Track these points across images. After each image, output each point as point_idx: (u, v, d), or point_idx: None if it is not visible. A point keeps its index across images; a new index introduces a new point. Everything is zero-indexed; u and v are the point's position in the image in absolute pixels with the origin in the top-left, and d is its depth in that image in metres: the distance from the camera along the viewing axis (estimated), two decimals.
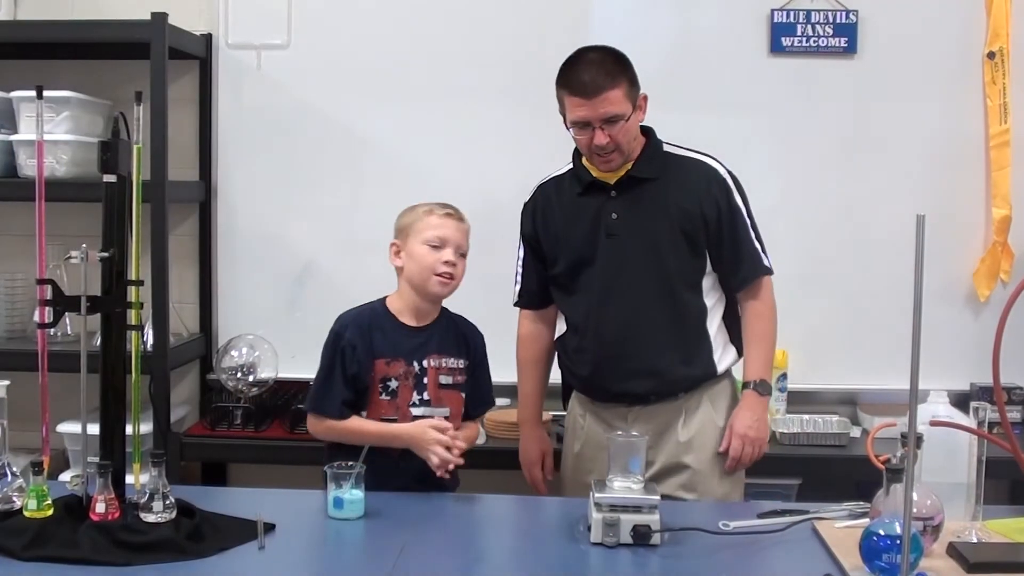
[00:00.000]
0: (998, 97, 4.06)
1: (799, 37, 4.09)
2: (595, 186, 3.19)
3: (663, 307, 3.15)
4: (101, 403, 2.55)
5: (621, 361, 3.16)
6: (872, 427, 3.18)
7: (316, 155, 4.22)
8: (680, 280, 3.15)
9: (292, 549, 2.50)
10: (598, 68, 3.02)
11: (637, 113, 3.09)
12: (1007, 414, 2.30)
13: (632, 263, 3.14)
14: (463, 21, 4.18)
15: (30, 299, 4.08)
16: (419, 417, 3.03)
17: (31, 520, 2.43)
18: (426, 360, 3.08)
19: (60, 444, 3.85)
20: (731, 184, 3.17)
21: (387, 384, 3.03)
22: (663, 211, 3.13)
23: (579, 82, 3.02)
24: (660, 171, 3.16)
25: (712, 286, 3.21)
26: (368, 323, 3.08)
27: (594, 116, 3.02)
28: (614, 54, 3.07)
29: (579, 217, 3.21)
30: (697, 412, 3.19)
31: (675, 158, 3.20)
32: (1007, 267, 4.12)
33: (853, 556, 2.31)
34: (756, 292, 3.21)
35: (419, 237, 3.07)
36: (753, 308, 3.23)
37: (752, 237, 3.19)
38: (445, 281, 3.07)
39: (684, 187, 3.15)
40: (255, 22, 4.21)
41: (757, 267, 3.19)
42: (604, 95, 3.00)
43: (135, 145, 2.61)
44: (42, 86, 2.66)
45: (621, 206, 3.16)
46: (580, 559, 2.47)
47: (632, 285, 3.14)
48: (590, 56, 3.05)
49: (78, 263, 2.51)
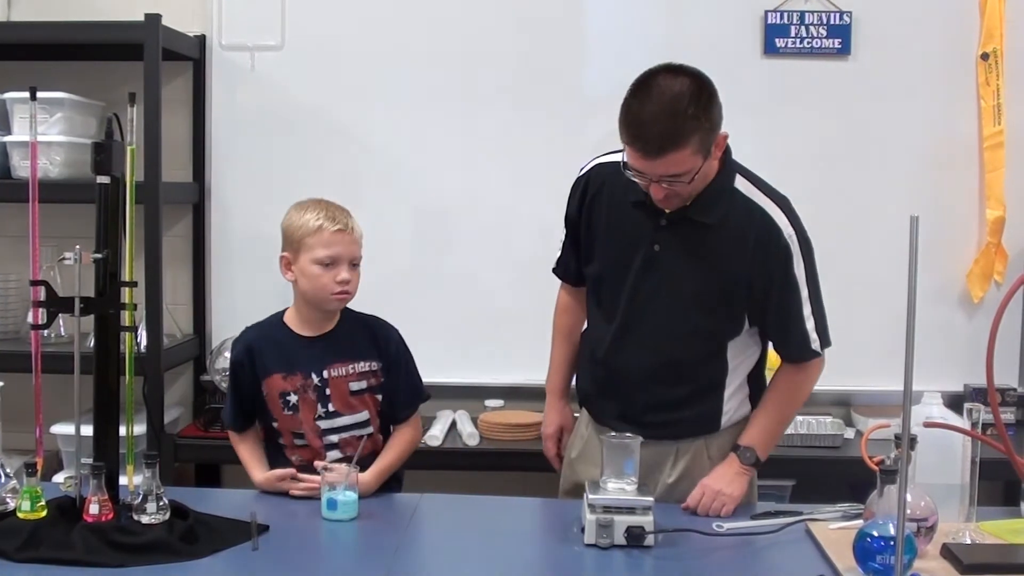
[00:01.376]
0: (992, 98, 4.07)
1: (793, 38, 4.10)
2: (648, 205, 2.79)
3: (679, 362, 2.87)
4: (95, 404, 2.55)
5: (619, 398, 2.95)
6: (866, 428, 3.19)
7: (310, 156, 4.23)
8: (702, 338, 2.86)
9: (286, 550, 2.49)
10: (669, 124, 2.55)
11: (710, 161, 2.67)
12: (1001, 415, 2.30)
13: (660, 304, 2.84)
14: (456, 23, 4.18)
15: (23, 300, 4.08)
16: (327, 431, 3.00)
17: (25, 521, 2.43)
18: (327, 370, 3.00)
19: (54, 445, 3.84)
20: (795, 250, 2.78)
21: (287, 399, 2.98)
22: (709, 264, 2.79)
23: (640, 137, 2.59)
24: (719, 217, 2.77)
25: (746, 342, 2.91)
26: (259, 340, 3.04)
27: (653, 174, 2.63)
28: (695, 98, 2.60)
29: (624, 228, 2.87)
30: (689, 453, 2.94)
31: (742, 201, 2.80)
32: (1001, 268, 4.13)
33: (847, 557, 2.31)
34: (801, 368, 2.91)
35: (309, 255, 2.93)
36: (788, 376, 2.93)
37: (804, 315, 2.82)
38: (341, 298, 2.97)
39: (740, 244, 2.77)
40: (248, 23, 4.21)
41: (804, 351, 2.85)
42: (667, 156, 2.57)
43: (128, 146, 2.61)
44: (35, 87, 2.65)
45: (667, 240, 2.80)
46: (574, 560, 2.47)
47: (653, 328, 2.86)
48: (658, 103, 2.58)
49: (71, 264, 2.51)
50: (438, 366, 4.13)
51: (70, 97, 3.91)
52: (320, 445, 3.00)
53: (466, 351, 4.24)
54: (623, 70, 2.85)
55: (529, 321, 4.13)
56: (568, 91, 4.17)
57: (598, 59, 4.16)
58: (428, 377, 4.13)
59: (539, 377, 3.99)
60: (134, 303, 2.60)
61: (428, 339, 4.18)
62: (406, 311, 4.13)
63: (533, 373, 4.07)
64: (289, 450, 3.03)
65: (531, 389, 4.13)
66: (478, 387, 4.24)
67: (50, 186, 3.67)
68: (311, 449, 3.00)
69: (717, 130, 2.66)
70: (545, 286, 4.08)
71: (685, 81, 2.62)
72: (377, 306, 3.24)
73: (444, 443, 3.91)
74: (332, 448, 3.00)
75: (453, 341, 4.21)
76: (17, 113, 3.92)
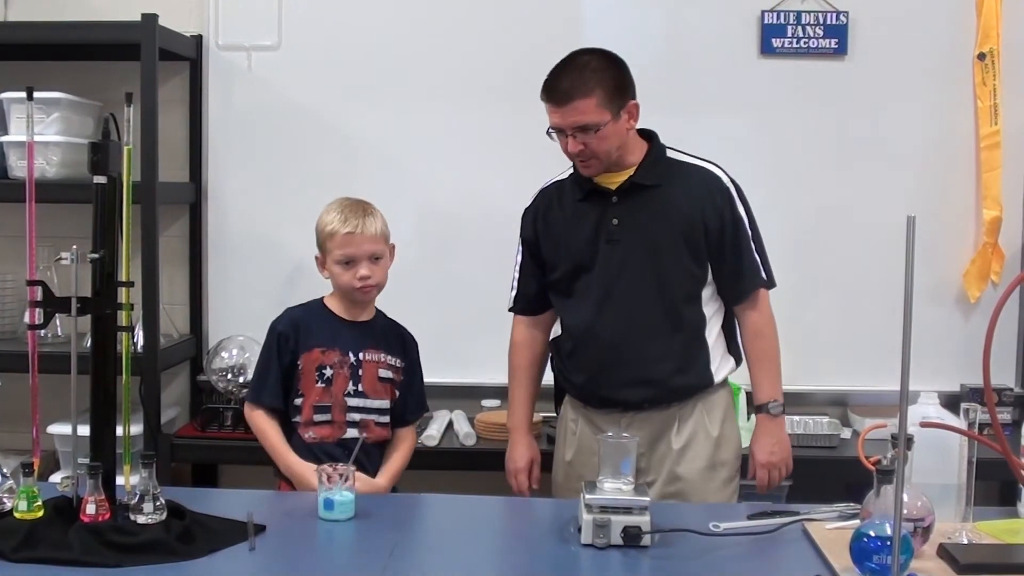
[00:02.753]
0: (988, 98, 4.07)
1: (790, 38, 4.10)
2: (596, 192, 3.15)
3: (661, 316, 3.12)
4: (91, 404, 2.54)
5: (616, 369, 3.14)
6: (862, 428, 3.18)
7: (306, 156, 4.23)
8: (680, 289, 3.13)
9: (283, 550, 2.49)
10: (575, 75, 2.98)
11: (619, 122, 3.03)
12: (997, 415, 2.29)
13: (631, 270, 3.11)
14: (453, 22, 4.18)
15: (20, 300, 4.08)
16: (354, 408, 3.15)
17: (21, 521, 2.43)
18: (363, 352, 3.19)
19: (50, 445, 3.84)
20: (734, 193, 3.14)
21: (322, 372, 3.13)
22: (665, 218, 3.10)
23: (552, 88, 3.02)
24: (662, 178, 3.12)
25: (712, 295, 3.19)
26: (304, 316, 3.21)
27: (564, 124, 3.01)
28: (600, 60, 3.02)
29: (580, 222, 3.17)
30: (690, 420, 3.17)
31: (678, 164, 3.16)
32: (997, 268, 4.13)
33: (844, 557, 2.31)
34: (754, 304, 3.20)
35: (331, 256, 3.16)
36: (752, 323, 3.21)
37: (753, 248, 3.16)
38: (366, 291, 3.17)
39: (687, 195, 3.11)
40: (245, 23, 4.21)
41: (756, 279, 3.17)
42: (573, 104, 2.97)
43: (125, 146, 2.60)
44: (32, 87, 2.64)
45: (622, 212, 3.12)
46: (570, 560, 2.47)
47: (631, 292, 3.12)
48: (574, 62, 3.02)
49: (68, 264, 2.51)
50: (435, 366, 4.12)
51: (67, 97, 3.91)
52: (343, 420, 3.14)
53: (463, 351, 4.24)
54: None
55: None
56: None
57: None
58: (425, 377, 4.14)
59: None
60: (131, 303, 2.60)
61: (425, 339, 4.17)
62: (404, 311, 4.13)
63: None
64: (304, 427, 3.14)
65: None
66: (475, 387, 4.24)
67: (47, 186, 3.68)
68: (333, 425, 3.14)
69: (626, 96, 3.04)
70: None
71: (597, 53, 3.06)
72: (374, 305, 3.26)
73: (441, 443, 3.91)
74: (352, 426, 3.14)
75: (449, 341, 4.21)
76: (14, 113, 3.92)
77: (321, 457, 3.01)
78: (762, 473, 3.19)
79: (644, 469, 3.10)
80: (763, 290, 3.20)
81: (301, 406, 3.15)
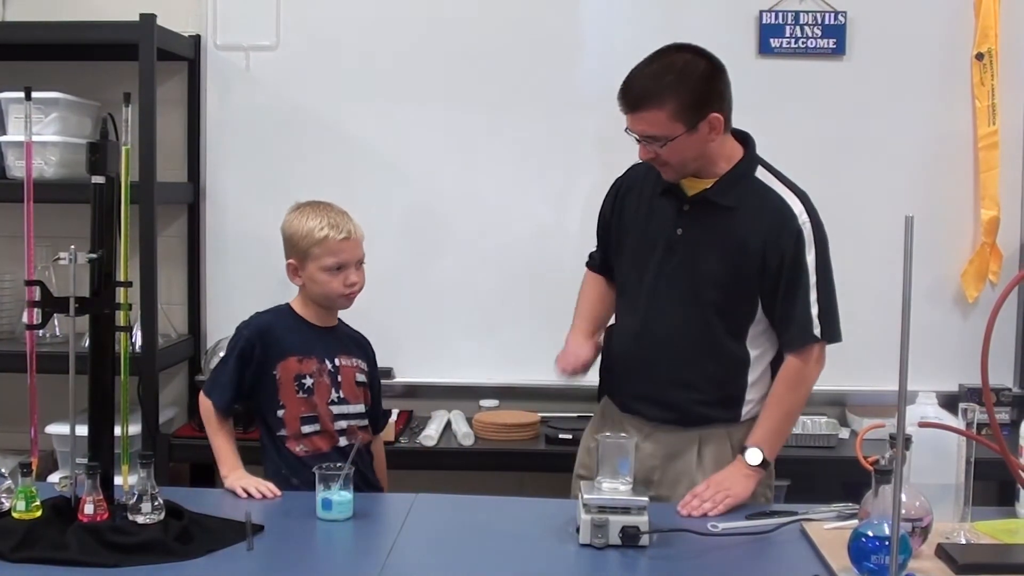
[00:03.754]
0: (986, 98, 4.07)
1: (788, 38, 4.10)
2: (674, 192, 2.96)
3: (699, 344, 2.95)
4: (89, 404, 2.55)
5: (639, 382, 3.02)
6: (861, 428, 3.19)
7: (304, 156, 4.23)
8: (720, 318, 2.93)
9: (281, 550, 2.49)
10: (651, 81, 2.78)
11: (696, 134, 2.80)
12: (995, 415, 2.30)
13: (681, 287, 2.95)
14: (451, 23, 4.18)
15: (18, 300, 4.07)
16: (340, 416, 3.09)
17: (20, 521, 2.43)
18: (338, 358, 3.12)
19: (49, 445, 3.84)
20: (807, 236, 2.88)
21: (302, 382, 3.04)
22: (727, 245, 2.90)
23: (624, 90, 2.82)
24: (738, 200, 2.90)
25: (763, 333, 2.97)
26: (274, 324, 3.10)
27: (634, 130, 2.83)
28: (686, 63, 2.80)
29: (650, 218, 3.01)
30: (712, 447, 3.00)
31: (760, 188, 2.93)
32: (995, 268, 4.13)
33: (842, 557, 2.31)
34: (802, 355, 2.92)
35: (317, 263, 3.04)
36: (790, 371, 2.94)
37: (810, 300, 2.89)
38: (351, 297, 3.10)
39: (756, 225, 2.89)
40: (243, 24, 4.21)
41: (805, 334, 2.90)
42: (641, 113, 2.79)
43: (123, 146, 2.60)
44: (30, 87, 2.65)
45: (689, 223, 2.94)
46: (569, 560, 2.47)
47: (674, 311, 2.96)
48: (657, 62, 2.82)
49: (67, 264, 2.51)
50: (433, 366, 4.15)
51: (65, 97, 3.91)
52: (332, 429, 3.07)
53: (461, 351, 4.24)
54: (617, 70, 2.86)
55: (524, 320, 4.15)
56: (562, 91, 4.17)
57: (592, 59, 4.16)
58: (423, 377, 4.16)
59: (534, 377, 4.01)
60: (129, 303, 2.60)
61: (423, 338, 4.21)
62: (402, 310, 4.16)
63: (528, 373, 4.10)
64: (293, 441, 3.04)
65: (526, 389, 4.14)
66: (473, 387, 4.24)
67: (45, 186, 3.69)
68: (324, 435, 3.06)
69: (706, 108, 2.80)
70: (540, 285, 4.10)
71: (686, 56, 2.83)
72: (373, 305, 3.25)
73: (439, 443, 3.90)
74: (343, 433, 3.09)
75: (448, 341, 4.22)
76: (12, 113, 3.92)
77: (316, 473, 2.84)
78: (702, 485, 2.86)
79: (657, 483, 2.99)
80: (815, 345, 2.93)
81: (284, 418, 3.04)
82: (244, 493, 2.88)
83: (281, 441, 3.05)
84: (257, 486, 2.90)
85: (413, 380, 4.28)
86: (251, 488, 2.89)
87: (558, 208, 4.17)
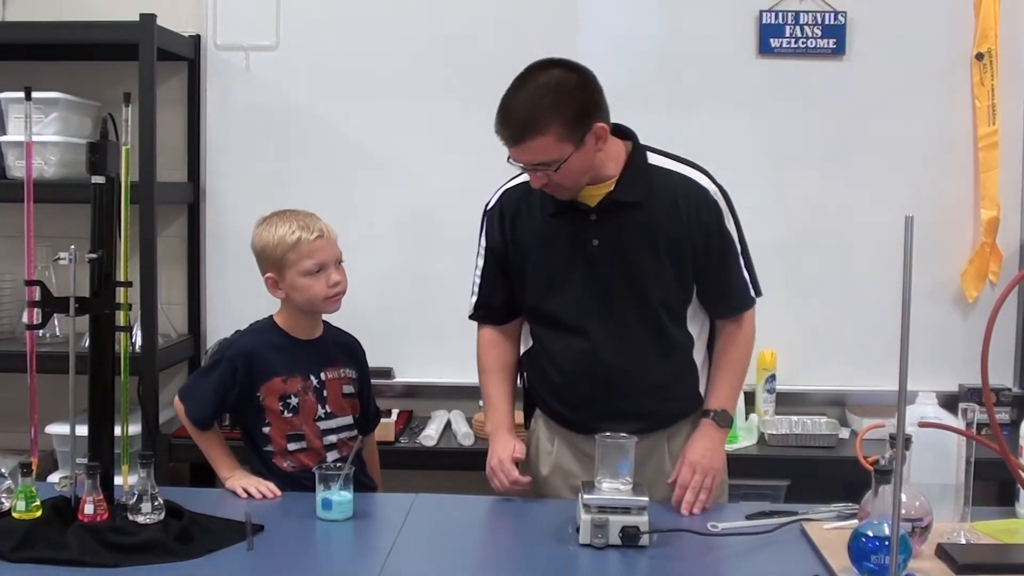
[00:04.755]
0: (986, 98, 4.07)
1: (788, 38, 4.10)
2: (572, 208, 2.87)
3: (651, 343, 2.91)
4: (90, 404, 2.55)
5: (610, 403, 2.92)
6: (861, 428, 3.19)
7: (304, 156, 4.22)
8: (666, 312, 2.91)
9: (281, 550, 2.49)
10: (527, 109, 2.68)
11: (585, 149, 2.71)
12: (995, 415, 2.30)
13: (617, 296, 2.88)
14: (450, 23, 4.18)
15: (18, 300, 4.07)
16: (327, 431, 3.05)
17: (20, 521, 2.43)
18: (323, 372, 3.07)
19: (49, 445, 3.84)
20: (723, 206, 2.88)
21: (287, 401, 3.00)
22: (649, 237, 2.85)
23: (502, 123, 2.73)
24: (645, 192, 2.84)
25: (696, 312, 2.97)
26: (256, 345, 3.04)
27: (522, 161, 2.75)
28: (557, 81, 2.70)
29: (554, 241, 2.91)
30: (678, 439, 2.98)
31: (662, 174, 2.88)
32: (995, 268, 4.13)
33: (842, 557, 2.31)
34: (738, 319, 2.99)
35: (296, 269, 2.98)
36: (730, 333, 2.99)
37: (742, 265, 2.94)
38: (336, 299, 3.04)
39: (671, 210, 2.85)
40: (243, 24, 4.21)
41: (744, 299, 2.96)
42: (526, 144, 2.68)
43: (123, 146, 2.60)
44: (31, 87, 2.65)
45: (603, 232, 2.86)
46: (569, 560, 2.47)
47: (618, 321, 2.89)
48: (525, 86, 2.73)
49: (67, 264, 2.51)
50: (432, 366, 4.15)
51: (65, 97, 3.90)
52: (321, 446, 3.03)
53: (461, 351, 4.22)
54: (617, 70, 2.87)
55: None
56: None
57: (592, 60, 4.10)
58: (422, 377, 4.15)
59: None
60: (129, 303, 2.60)
61: (423, 339, 4.20)
62: (401, 310, 4.16)
63: None
64: (280, 457, 3.02)
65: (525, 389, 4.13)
66: (472, 387, 4.21)
67: (45, 186, 3.69)
68: (311, 452, 3.02)
69: (589, 121, 2.70)
70: None
71: (554, 73, 2.72)
72: (373, 305, 3.25)
73: (439, 443, 3.90)
74: (331, 449, 3.05)
75: (447, 341, 4.19)
76: (12, 113, 3.92)
77: (306, 484, 2.85)
78: (687, 470, 2.83)
79: None
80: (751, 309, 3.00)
81: (270, 435, 3.01)
82: (244, 493, 2.89)
83: (268, 456, 3.03)
84: (257, 486, 2.90)
85: (413, 380, 4.27)
86: (251, 488, 2.89)
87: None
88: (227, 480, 2.97)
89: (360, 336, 3.24)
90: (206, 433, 3.06)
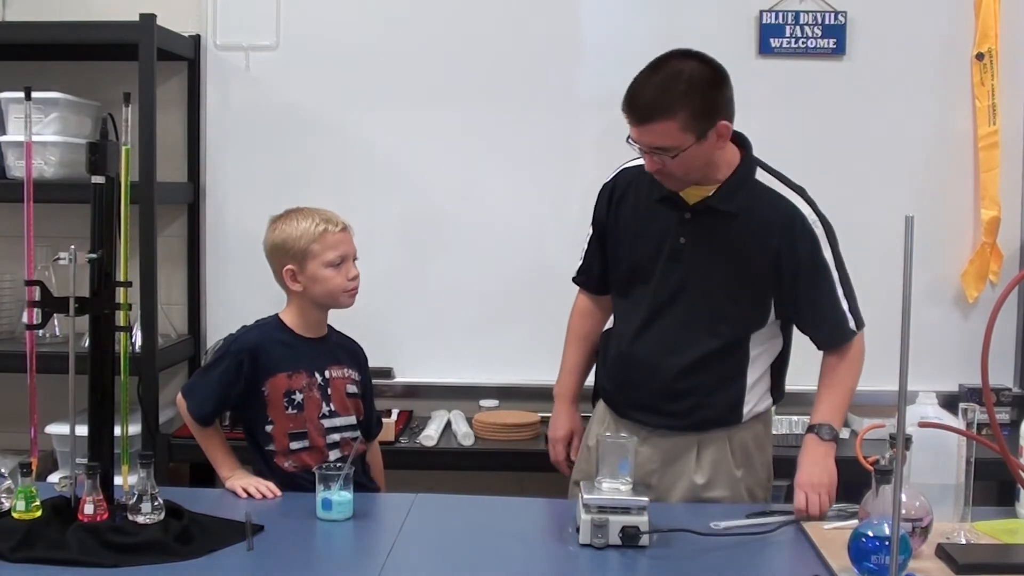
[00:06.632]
0: (987, 98, 4.07)
1: (788, 38, 4.10)
2: (673, 199, 2.89)
3: (703, 353, 2.91)
4: (89, 405, 2.55)
5: (640, 390, 2.99)
6: (861, 428, 3.18)
7: (304, 156, 4.22)
8: (731, 330, 2.92)
9: (281, 550, 2.49)
10: (659, 91, 2.68)
11: (704, 143, 2.73)
12: (995, 415, 2.30)
13: (687, 298, 2.91)
14: (450, 22, 4.18)
15: (18, 300, 4.07)
16: (331, 429, 3.04)
17: (19, 521, 2.43)
18: (328, 370, 3.07)
19: (48, 445, 3.84)
20: (820, 234, 2.87)
21: (292, 398, 3.00)
22: (735, 253, 2.86)
23: (631, 102, 2.72)
24: (742, 207, 2.85)
25: (767, 335, 2.96)
26: (262, 340, 3.04)
27: (641, 142, 2.75)
28: (692, 71, 2.71)
29: (648, 227, 2.95)
30: (711, 450, 2.98)
31: (764, 192, 2.88)
32: (996, 268, 4.13)
33: (842, 557, 2.31)
34: (842, 352, 2.95)
35: (318, 260, 3.00)
36: (831, 364, 2.96)
37: (839, 295, 2.90)
38: (354, 293, 3.06)
39: (764, 231, 2.85)
40: (243, 23, 4.21)
41: (843, 331, 2.91)
42: (651, 126, 2.70)
43: (123, 146, 2.60)
44: (31, 87, 2.65)
45: (692, 232, 2.88)
46: (569, 560, 2.48)
47: (678, 322, 2.92)
48: (662, 70, 2.72)
49: (66, 264, 2.51)
50: (433, 366, 4.15)
51: (65, 97, 3.90)
52: (323, 444, 3.02)
53: (461, 351, 4.24)
54: (617, 71, 2.86)
55: (524, 321, 4.15)
56: (562, 91, 4.17)
57: (592, 60, 4.16)
58: (422, 377, 4.15)
59: (534, 377, 4.01)
60: (129, 303, 2.60)
61: (423, 339, 4.20)
62: (401, 310, 4.16)
63: (528, 373, 4.09)
64: (282, 457, 3.01)
65: (526, 389, 4.13)
66: (473, 387, 4.24)
67: (45, 186, 3.69)
68: (314, 451, 3.01)
69: (715, 116, 2.73)
70: (540, 285, 4.10)
71: (692, 64, 2.73)
72: (373, 305, 3.24)
73: (439, 443, 3.90)
74: (334, 448, 3.04)
75: (447, 341, 4.22)
76: (12, 113, 3.91)
77: (306, 486, 2.86)
78: (800, 495, 2.78)
79: (655, 487, 2.95)
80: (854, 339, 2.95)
81: (273, 434, 3.00)
82: (244, 493, 2.89)
83: (269, 456, 3.03)
84: (257, 486, 2.90)
85: (413, 380, 4.27)
86: (251, 488, 2.89)
87: (558, 208, 4.16)
88: (227, 480, 2.97)
89: (360, 336, 3.23)
90: (207, 431, 3.05)
